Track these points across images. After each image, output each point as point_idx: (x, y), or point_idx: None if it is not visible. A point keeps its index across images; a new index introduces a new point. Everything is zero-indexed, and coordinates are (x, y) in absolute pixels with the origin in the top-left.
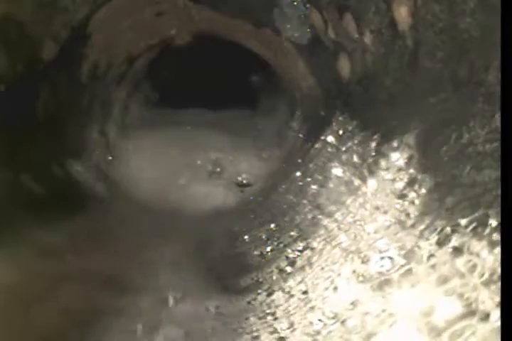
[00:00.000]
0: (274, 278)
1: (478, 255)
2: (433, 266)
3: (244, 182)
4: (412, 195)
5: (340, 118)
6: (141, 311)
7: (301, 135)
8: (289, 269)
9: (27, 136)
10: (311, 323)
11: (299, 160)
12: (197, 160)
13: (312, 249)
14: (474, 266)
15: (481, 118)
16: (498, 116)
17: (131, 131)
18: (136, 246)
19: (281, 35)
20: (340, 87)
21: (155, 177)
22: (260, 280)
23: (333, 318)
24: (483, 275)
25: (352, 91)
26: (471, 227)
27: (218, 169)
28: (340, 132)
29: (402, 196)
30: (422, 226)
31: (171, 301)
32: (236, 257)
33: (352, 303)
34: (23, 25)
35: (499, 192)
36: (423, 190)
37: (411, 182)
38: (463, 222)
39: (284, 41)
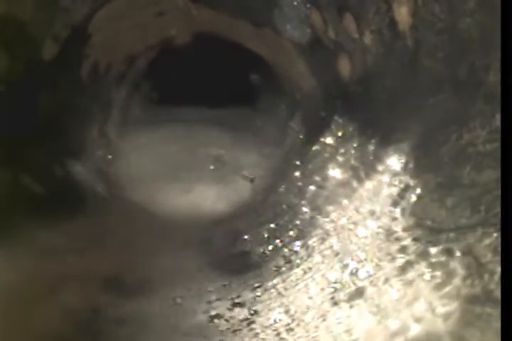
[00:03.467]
0: (268, 276)
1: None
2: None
3: (247, 175)
4: (404, 203)
5: (340, 120)
6: (141, 311)
7: (301, 136)
8: (285, 268)
9: (27, 136)
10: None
11: (299, 161)
12: (198, 157)
13: (306, 248)
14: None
15: (481, 118)
16: (498, 116)
17: (131, 130)
18: (136, 246)
19: (281, 35)
20: (340, 87)
21: (156, 176)
22: (257, 278)
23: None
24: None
25: (352, 91)
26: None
27: (219, 164)
28: (340, 134)
29: (395, 203)
30: (406, 242)
31: (171, 300)
32: (237, 256)
33: (308, 308)
34: (23, 25)
35: (499, 192)
36: (416, 199)
37: (406, 189)
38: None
39: (284, 41)
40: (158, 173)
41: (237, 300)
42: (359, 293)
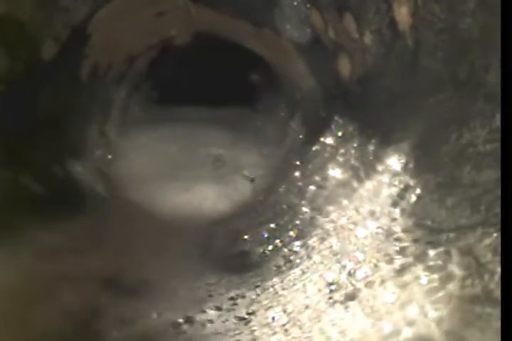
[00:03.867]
0: (268, 276)
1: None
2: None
3: (247, 175)
4: (404, 203)
5: (340, 120)
6: (141, 311)
7: (301, 136)
8: (285, 268)
9: (27, 136)
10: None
11: (299, 161)
12: (198, 157)
13: (306, 248)
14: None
15: (481, 118)
16: (498, 116)
17: (131, 130)
18: (136, 246)
19: (281, 35)
20: (340, 87)
21: (156, 175)
22: (256, 277)
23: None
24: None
25: (352, 91)
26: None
27: (219, 164)
28: (340, 134)
29: (395, 203)
30: (405, 243)
31: (171, 300)
32: (237, 256)
33: (306, 307)
34: (23, 25)
35: (499, 192)
36: (416, 199)
37: (406, 189)
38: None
39: (284, 41)
40: (159, 173)
41: (236, 299)
42: (356, 294)
